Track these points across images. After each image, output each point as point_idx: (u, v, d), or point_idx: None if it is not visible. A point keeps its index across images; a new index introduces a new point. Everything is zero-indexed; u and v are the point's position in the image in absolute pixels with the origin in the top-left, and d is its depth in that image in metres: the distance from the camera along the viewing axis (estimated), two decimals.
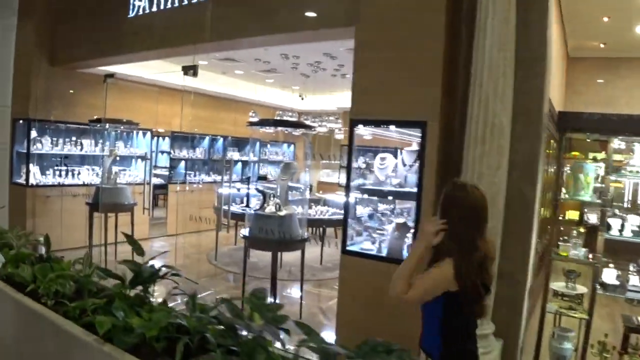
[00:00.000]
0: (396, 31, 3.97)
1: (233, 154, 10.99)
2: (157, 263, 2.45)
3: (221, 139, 10.67)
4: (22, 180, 8.01)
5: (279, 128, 5.57)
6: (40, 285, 2.28)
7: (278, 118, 8.60)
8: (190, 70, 5.46)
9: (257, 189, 5.39)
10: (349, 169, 4.20)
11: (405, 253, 4.01)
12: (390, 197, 4.48)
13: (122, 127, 7.85)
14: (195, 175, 10.28)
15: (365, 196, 4.51)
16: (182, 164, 10.18)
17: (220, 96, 10.37)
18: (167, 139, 10.15)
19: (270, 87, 11.59)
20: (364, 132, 4.49)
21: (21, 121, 7.99)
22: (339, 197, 8.11)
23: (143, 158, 9.03)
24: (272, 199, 5.79)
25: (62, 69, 8.05)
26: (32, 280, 2.34)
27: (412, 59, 3.90)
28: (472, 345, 2.37)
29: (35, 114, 7.77)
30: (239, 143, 11.32)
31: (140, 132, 9.42)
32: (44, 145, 8.16)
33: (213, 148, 10.73)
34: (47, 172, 8.28)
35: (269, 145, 11.87)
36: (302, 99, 11.95)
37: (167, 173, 9.99)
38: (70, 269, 2.44)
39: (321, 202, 8.61)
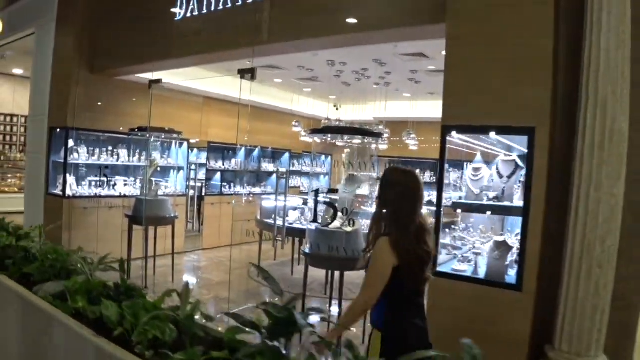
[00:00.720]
0: (496, 26, 3.48)
1: (267, 165, 10.53)
2: (190, 279, 1.96)
3: (257, 150, 10.21)
4: (58, 191, 7.60)
5: (347, 136, 5.08)
6: (129, 327, 1.78)
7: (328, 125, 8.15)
8: (248, 73, 5.01)
9: (326, 203, 4.88)
10: (440, 182, 3.69)
11: (507, 276, 3.50)
12: (488, 213, 3.95)
13: (162, 136, 7.40)
14: (230, 187, 9.83)
15: (458, 211, 3.99)
16: (218, 175, 9.73)
17: (256, 106, 9.91)
18: (195, 149, 9.72)
19: (306, 97, 11.14)
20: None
21: (58, 130, 7.60)
22: None
23: (179, 169, 8.59)
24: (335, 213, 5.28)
25: (101, 77, 7.67)
26: (118, 322, 1.84)
27: (515, 57, 3.40)
28: (415, 317, 2.46)
29: (73, 123, 7.37)
30: (273, 154, 10.87)
31: (174, 143, 9.00)
32: (81, 155, 7.76)
33: (248, 159, 10.29)
34: (83, 183, 7.87)
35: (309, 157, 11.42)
36: (337, 109, 11.51)
37: (200, 185, 9.54)
38: (162, 305, 1.93)
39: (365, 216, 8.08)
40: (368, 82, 9.17)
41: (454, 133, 3.64)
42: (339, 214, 4.90)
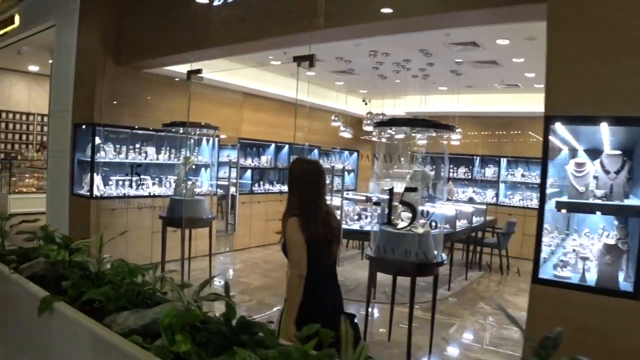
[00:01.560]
0: (605, 6, 2.90)
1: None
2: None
3: (286, 147, 9.63)
4: (84, 192, 7.06)
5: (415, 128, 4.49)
6: None
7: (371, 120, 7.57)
8: (306, 60, 4.44)
9: (402, 202, 4.31)
10: (543, 180, 3.13)
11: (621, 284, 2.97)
12: (598, 213, 3.38)
13: (197, 132, 6.83)
14: (259, 185, 9.27)
15: (563, 212, 3.42)
16: (248, 173, 9.17)
17: (285, 100, 9.36)
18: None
19: (336, 91, 10.56)
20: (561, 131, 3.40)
21: (83, 126, 7.04)
22: (444, 209, 7.03)
23: (208, 167, 8.03)
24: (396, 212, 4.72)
25: (128, 70, 7.11)
26: None
27: (631, 40, 2.82)
28: (325, 288, 2.65)
29: (100, 119, 6.81)
30: (300, 151, 10.29)
31: (204, 139, 8.44)
32: (107, 153, 7.21)
33: (278, 156, 9.71)
34: (110, 183, 7.31)
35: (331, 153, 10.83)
36: (366, 103, 10.94)
37: (228, 183, 8.98)
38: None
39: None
40: (406, 74, 8.59)
41: (558, 123, 3.05)
42: (404, 214, 4.34)
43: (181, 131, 6.66)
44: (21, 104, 12.24)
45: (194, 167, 6.74)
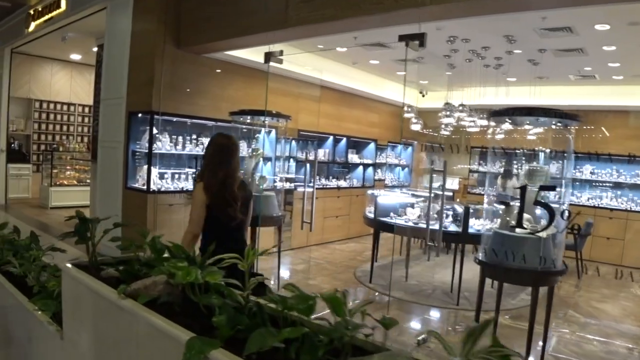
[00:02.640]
0: None
1: (352, 157, 9.21)
2: None
3: (344, 140, 8.87)
4: (139, 185, 6.39)
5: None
6: None
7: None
8: (415, 40, 3.71)
9: (538, 202, 3.56)
10: None
11: None
12: None
13: (266, 122, 6.09)
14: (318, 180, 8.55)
15: None
16: (306, 167, 8.44)
17: (345, 91, 8.63)
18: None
19: (394, 82, 9.75)
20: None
21: (139, 115, 6.37)
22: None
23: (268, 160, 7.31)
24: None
25: (187, 54, 6.42)
26: None
27: None
28: (229, 245, 2.41)
29: (159, 106, 6.13)
30: (357, 144, 9.53)
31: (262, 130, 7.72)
32: (164, 144, 6.53)
33: (335, 150, 8.96)
34: (165, 176, 6.64)
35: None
36: (423, 95, 10.12)
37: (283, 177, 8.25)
38: None
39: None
40: (478, 64, 7.77)
41: None
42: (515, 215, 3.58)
43: (248, 120, 5.93)
44: (62, 93, 11.67)
45: (262, 160, 6.02)
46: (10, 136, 10.65)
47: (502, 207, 4.30)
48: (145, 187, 6.28)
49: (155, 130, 6.39)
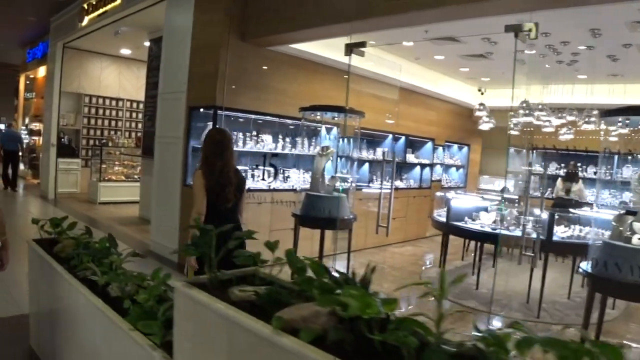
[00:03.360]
0: None
1: (409, 156, 8.71)
2: None
3: (402, 138, 8.36)
4: None
5: None
6: None
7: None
8: (524, 31, 3.18)
9: None
10: None
11: None
12: None
13: (334, 117, 5.66)
14: (373, 181, 8.08)
15: None
16: (365, 166, 7.99)
17: (405, 87, 8.14)
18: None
19: (452, 79, 9.22)
20: None
21: (201, 110, 6.03)
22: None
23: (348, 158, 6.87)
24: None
25: (252, 46, 6.03)
26: None
27: None
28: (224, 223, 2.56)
29: (223, 101, 5.76)
30: (413, 144, 9.02)
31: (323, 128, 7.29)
32: None
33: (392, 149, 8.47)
34: None
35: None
36: (482, 93, 9.56)
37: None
38: None
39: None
40: (550, 59, 7.18)
41: None
42: None
43: (318, 116, 5.51)
44: (110, 88, 11.51)
45: (331, 159, 5.59)
46: (60, 130, 10.51)
47: (615, 215, 3.78)
48: None
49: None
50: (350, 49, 4.67)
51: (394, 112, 7.76)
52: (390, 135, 8.08)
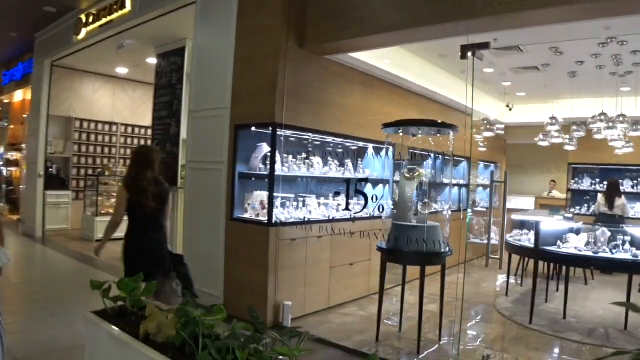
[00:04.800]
0: None
1: (443, 179, 7.78)
2: None
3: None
4: (250, 215, 4.87)
5: None
6: None
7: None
8: None
9: None
10: None
11: None
12: None
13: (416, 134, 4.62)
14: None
15: None
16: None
17: (443, 102, 7.28)
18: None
19: (484, 93, 8.44)
20: None
21: (253, 128, 4.89)
22: None
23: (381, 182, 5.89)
24: None
25: (309, 55, 4.99)
26: None
27: None
28: (147, 231, 3.73)
29: (282, 118, 4.65)
30: (447, 162, 8.09)
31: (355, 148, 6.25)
32: (286, 164, 5.02)
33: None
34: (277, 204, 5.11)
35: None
36: (510, 109, 8.84)
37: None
38: None
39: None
40: (601, 72, 6.49)
41: None
42: None
43: (414, 134, 4.45)
44: (103, 112, 10.03)
45: (422, 183, 4.54)
46: (47, 159, 8.96)
47: None
48: (264, 219, 4.74)
49: (268, 148, 4.91)
50: (466, 51, 3.70)
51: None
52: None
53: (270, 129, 4.70)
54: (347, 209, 4.42)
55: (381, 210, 4.28)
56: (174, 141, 7.49)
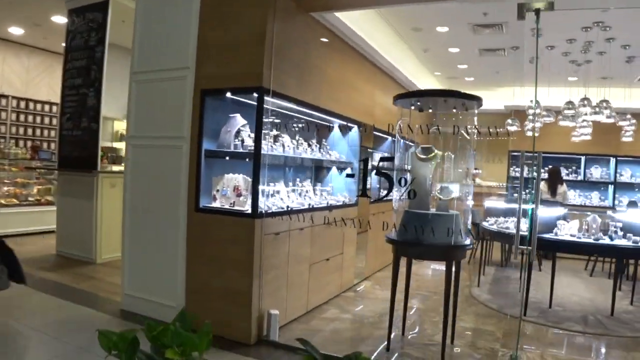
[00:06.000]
0: None
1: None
2: None
3: None
4: (223, 205, 3.75)
5: None
6: None
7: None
8: None
9: None
10: None
11: None
12: None
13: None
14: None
15: None
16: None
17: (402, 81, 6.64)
18: None
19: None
20: None
21: (228, 94, 3.75)
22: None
23: (343, 167, 5.09)
24: None
25: (298, 7, 3.97)
26: None
27: None
28: None
29: (270, 82, 3.60)
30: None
31: (337, 128, 5.35)
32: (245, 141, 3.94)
33: None
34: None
35: None
36: None
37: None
38: None
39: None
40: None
41: None
42: None
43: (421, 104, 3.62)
44: None
45: (435, 162, 3.75)
46: None
47: None
48: (244, 209, 3.63)
49: (242, 122, 3.81)
50: (523, 10, 2.98)
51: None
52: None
53: (256, 95, 3.60)
54: (364, 194, 3.49)
55: (413, 195, 3.42)
56: (92, 115, 5.94)
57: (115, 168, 6.49)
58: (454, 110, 3.80)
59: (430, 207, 3.59)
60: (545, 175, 7.71)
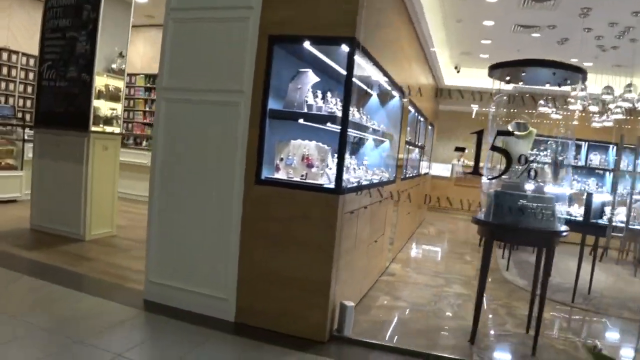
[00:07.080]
0: None
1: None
2: None
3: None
4: (285, 176, 3.07)
5: None
6: None
7: None
8: None
9: None
10: None
11: None
12: None
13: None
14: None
15: None
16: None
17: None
18: None
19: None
20: None
21: (307, 43, 3.02)
22: None
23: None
24: None
25: None
26: None
27: None
28: None
29: (361, 32, 2.93)
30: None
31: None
32: (331, 105, 3.27)
33: None
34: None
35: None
36: (458, 71, 8.15)
37: None
38: None
39: None
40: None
41: None
42: None
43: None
44: None
45: (530, 140, 3.26)
46: None
47: None
48: (324, 183, 2.97)
49: (313, 79, 3.11)
50: None
51: None
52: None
53: (347, 48, 2.89)
54: (475, 171, 2.94)
55: (534, 175, 2.92)
56: (84, 64, 4.88)
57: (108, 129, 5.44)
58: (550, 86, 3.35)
59: (528, 190, 3.14)
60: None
